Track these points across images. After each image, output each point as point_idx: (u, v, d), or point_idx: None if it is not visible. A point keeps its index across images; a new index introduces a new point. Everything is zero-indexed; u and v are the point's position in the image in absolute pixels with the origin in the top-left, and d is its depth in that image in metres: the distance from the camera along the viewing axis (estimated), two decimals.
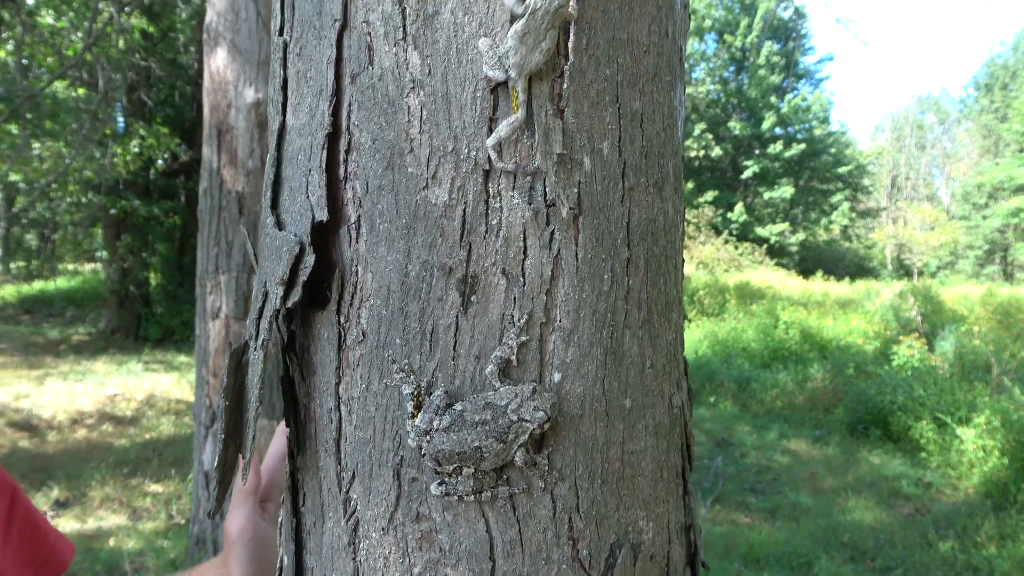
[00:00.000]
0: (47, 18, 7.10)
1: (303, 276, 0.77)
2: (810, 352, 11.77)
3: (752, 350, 12.05)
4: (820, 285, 21.72)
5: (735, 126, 33.75)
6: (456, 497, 0.76)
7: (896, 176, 49.10)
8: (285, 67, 0.85)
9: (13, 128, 6.40)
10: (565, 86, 0.74)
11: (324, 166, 0.79)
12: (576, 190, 0.76)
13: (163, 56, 11.94)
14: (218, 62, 4.44)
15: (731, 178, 35.40)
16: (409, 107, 0.75)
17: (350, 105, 0.78)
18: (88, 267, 22.05)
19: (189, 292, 11.85)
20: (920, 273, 32.74)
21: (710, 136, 33.83)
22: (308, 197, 0.80)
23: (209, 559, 4.18)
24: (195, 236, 4.50)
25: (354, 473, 0.81)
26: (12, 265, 19.56)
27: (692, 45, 34.28)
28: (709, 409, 9.90)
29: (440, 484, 0.76)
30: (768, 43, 33.80)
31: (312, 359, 0.85)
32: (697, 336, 13.16)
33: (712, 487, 6.71)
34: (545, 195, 0.75)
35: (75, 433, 7.70)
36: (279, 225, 0.84)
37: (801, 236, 34.02)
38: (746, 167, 33.99)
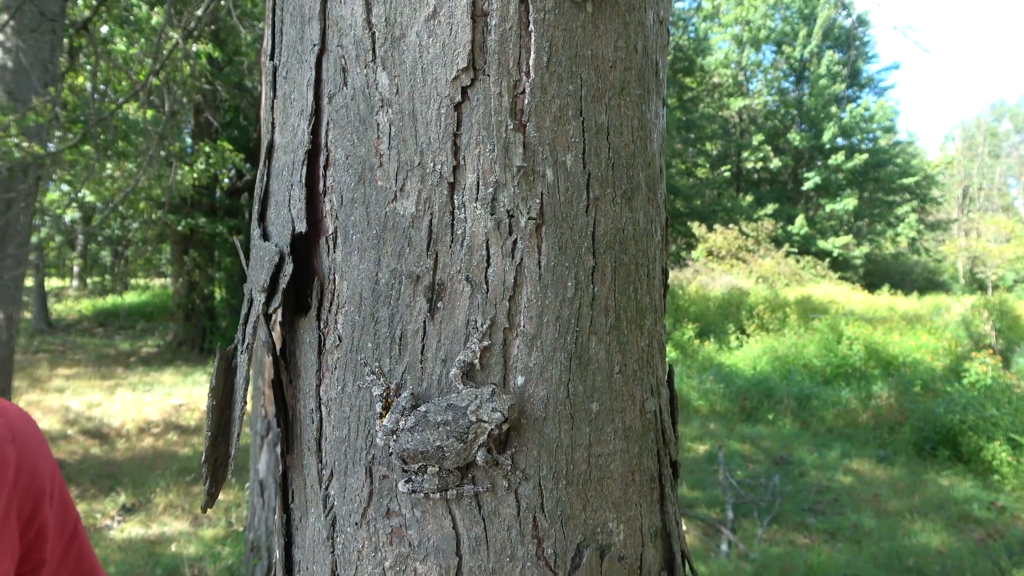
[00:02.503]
0: (120, 45, 7.48)
1: (283, 284, 0.82)
2: (875, 369, 11.36)
3: (813, 366, 11.71)
4: (886, 299, 20.99)
5: (795, 137, 33.01)
6: (423, 494, 0.79)
7: (968, 186, 47.06)
8: (275, 89, 0.91)
9: (89, 149, 6.76)
10: (526, 101, 0.78)
11: (304, 181, 0.84)
12: (538, 201, 0.79)
13: (229, 79, 12.44)
14: None
15: (791, 190, 34.58)
16: (379, 124, 0.80)
17: (327, 123, 0.83)
18: (157, 282, 23.05)
19: None
20: (995, 287, 31.21)
21: (768, 148, 33.17)
22: (290, 210, 0.86)
23: (262, 566, 4.25)
24: None
25: (332, 471, 0.85)
26: (88, 280, 20.60)
27: (748, 56, 33.75)
28: (768, 426, 9.65)
29: (407, 482, 0.80)
30: (829, 52, 32.99)
31: (297, 363, 0.90)
32: (756, 352, 12.87)
33: (769, 506, 6.54)
34: (506, 206, 0.78)
35: (142, 441, 8.04)
36: (265, 236, 0.90)
37: (866, 249, 32.88)
38: (807, 179, 33.16)
